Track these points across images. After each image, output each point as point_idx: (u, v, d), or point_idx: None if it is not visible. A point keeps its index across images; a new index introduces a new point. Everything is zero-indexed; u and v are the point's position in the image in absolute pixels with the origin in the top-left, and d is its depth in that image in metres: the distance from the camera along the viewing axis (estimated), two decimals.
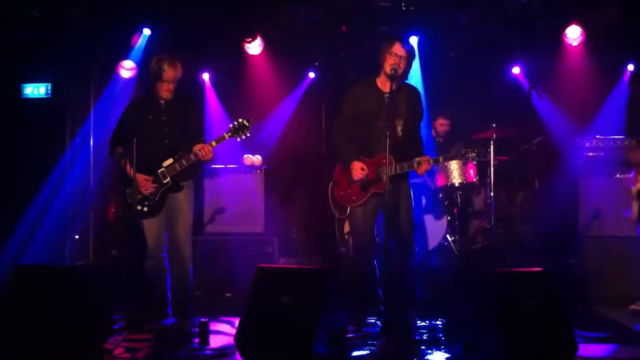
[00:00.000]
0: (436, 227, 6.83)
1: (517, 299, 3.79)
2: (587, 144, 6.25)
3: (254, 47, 7.38)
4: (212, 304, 5.92)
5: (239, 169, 6.75)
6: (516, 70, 7.50)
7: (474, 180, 6.79)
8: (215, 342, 4.59)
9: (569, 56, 7.19)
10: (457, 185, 6.76)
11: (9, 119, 7.16)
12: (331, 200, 5.03)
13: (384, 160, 4.57)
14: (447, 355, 4.16)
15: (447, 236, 6.88)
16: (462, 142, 6.82)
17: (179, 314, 5.00)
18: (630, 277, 5.76)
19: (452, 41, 7.42)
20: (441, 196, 6.94)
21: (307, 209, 7.88)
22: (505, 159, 6.89)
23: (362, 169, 4.74)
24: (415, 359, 4.14)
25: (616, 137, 6.20)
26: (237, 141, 4.95)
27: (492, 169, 6.44)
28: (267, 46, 7.43)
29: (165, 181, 4.93)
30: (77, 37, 7.01)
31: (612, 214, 5.99)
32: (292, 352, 3.81)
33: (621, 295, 5.67)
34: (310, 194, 7.87)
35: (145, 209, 4.93)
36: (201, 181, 6.54)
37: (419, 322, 4.91)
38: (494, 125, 6.55)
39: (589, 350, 4.21)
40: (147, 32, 7.05)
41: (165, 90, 4.97)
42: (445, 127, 7.25)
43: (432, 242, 6.77)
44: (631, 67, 7.26)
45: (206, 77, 8.00)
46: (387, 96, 4.74)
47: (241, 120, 4.90)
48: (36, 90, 7.42)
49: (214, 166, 6.63)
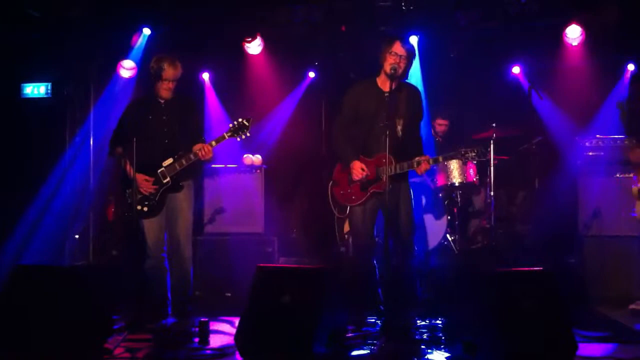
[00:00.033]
0: (436, 226, 6.82)
1: (517, 298, 3.78)
2: (587, 144, 6.26)
3: (254, 47, 7.38)
4: (212, 303, 5.93)
5: (239, 168, 6.75)
6: (516, 70, 7.49)
7: (474, 179, 6.79)
8: (215, 341, 4.58)
9: (569, 56, 7.18)
10: (457, 184, 6.76)
11: (9, 118, 7.16)
12: (331, 199, 5.03)
13: (384, 159, 4.57)
14: (447, 355, 4.15)
15: (447, 236, 6.87)
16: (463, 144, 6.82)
17: (179, 314, 4.99)
18: (630, 276, 5.77)
19: (452, 41, 7.42)
20: (441, 196, 6.94)
21: (307, 209, 7.87)
22: (505, 158, 6.89)
23: (362, 169, 4.74)
24: (415, 359, 4.14)
25: (616, 136, 6.21)
26: (237, 141, 4.95)
27: (492, 168, 6.46)
28: (267, 46, 7.43)
29: (165, 181, 4.92)
30: (76, 37, 7.02)
31: (612, 213, 6.00)
32: (291, 351, 3.81)
33: (621, 294, 5.69)
34: (310, 194, 7.86)
35: (145, 208, 4.92)
36: (201, 181, 6.54)
37: (419, 321, 4.90)
38: (494, 124, 6.57)
39: (588, 349, 4.20)
40: (147, 31, 7.04)
41: (165, 89, 4.96)
42: (443, 127, 7.25)
43: (432, 242, 6.76)
44: (631, 67, 7.25)
45: (206, 77, 7.99)
46: (387, 96, 4.73)
47: (241, 119, 4.90)
48: (36, 90, 7.42)
49: (214, 166, 6.64)
